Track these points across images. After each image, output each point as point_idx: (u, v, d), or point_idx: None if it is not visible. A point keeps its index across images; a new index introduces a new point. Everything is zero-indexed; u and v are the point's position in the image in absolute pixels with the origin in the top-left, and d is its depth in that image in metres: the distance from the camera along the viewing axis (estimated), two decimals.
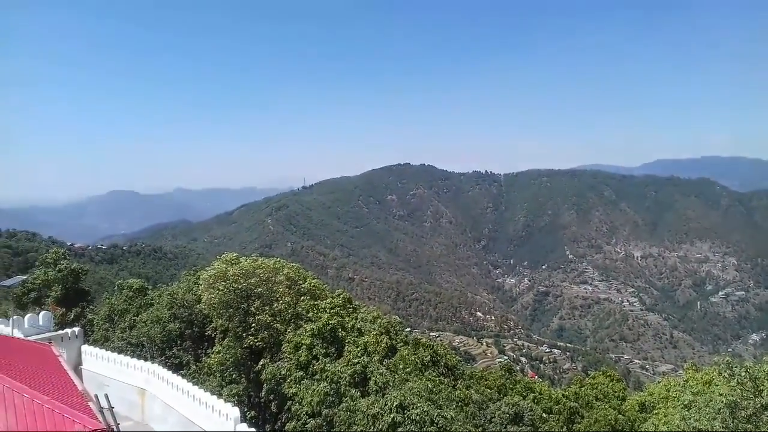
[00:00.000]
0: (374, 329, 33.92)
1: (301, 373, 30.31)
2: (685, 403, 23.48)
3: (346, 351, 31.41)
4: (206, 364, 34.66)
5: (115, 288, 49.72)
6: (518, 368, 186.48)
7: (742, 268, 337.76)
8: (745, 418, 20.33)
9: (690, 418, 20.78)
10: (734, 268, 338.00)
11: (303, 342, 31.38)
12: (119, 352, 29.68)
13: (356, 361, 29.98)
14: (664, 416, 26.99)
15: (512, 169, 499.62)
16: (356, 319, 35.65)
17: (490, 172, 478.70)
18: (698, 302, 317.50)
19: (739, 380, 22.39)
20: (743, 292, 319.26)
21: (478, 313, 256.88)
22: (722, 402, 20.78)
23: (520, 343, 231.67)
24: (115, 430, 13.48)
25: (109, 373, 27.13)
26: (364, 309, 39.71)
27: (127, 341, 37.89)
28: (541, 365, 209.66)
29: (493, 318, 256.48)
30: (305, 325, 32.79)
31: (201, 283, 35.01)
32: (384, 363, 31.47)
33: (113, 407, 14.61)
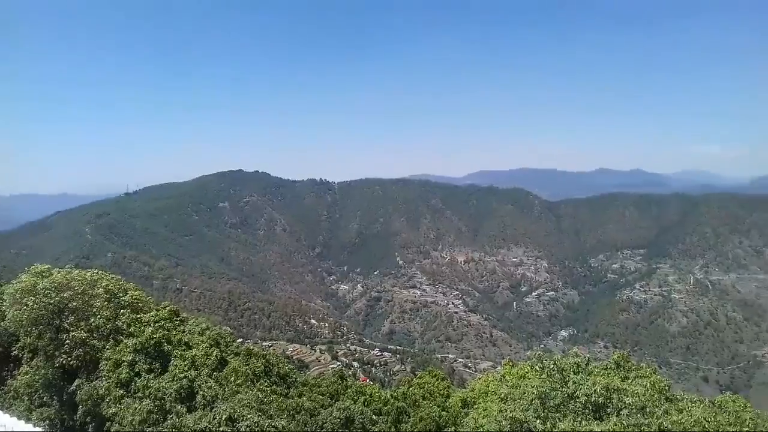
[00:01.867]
0: (203, 341, 32.69)
1: (121, 391, 28.42)
2: (502, 396, 25.15)
3: (172, 365, 29.92)
4: (12, 387, 31.34)
5: None
6: (351, 373, 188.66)
7: (552, 270, 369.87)
8: (554, 407, 22.11)
9: (506, 410, 22.20)
10: (545, 271, 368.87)
11: (124, 358, 29.44)
12: None
13: (183, 375, 28.64)
14: (484, 410, 28.67)
15: (346, 177, 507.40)
16: (183, 331, 34.11)
17: (325, 180, 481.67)
18: (514, 303, 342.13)
19: (549, 373, 24.38)
20: (553, 293, 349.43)
21: (312, 321, 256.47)
22: (534, 393, 22.46)
23: (352, 348, 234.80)
24: None
25: None
26: (193, 321, 38.13)
27: None
28: (373, 368, 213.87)
29: (326, 325, 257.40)
30: (126, 341, 30.80)
31: (5, 298, 31.69)
32: (213, 376, 30.41)
33: None
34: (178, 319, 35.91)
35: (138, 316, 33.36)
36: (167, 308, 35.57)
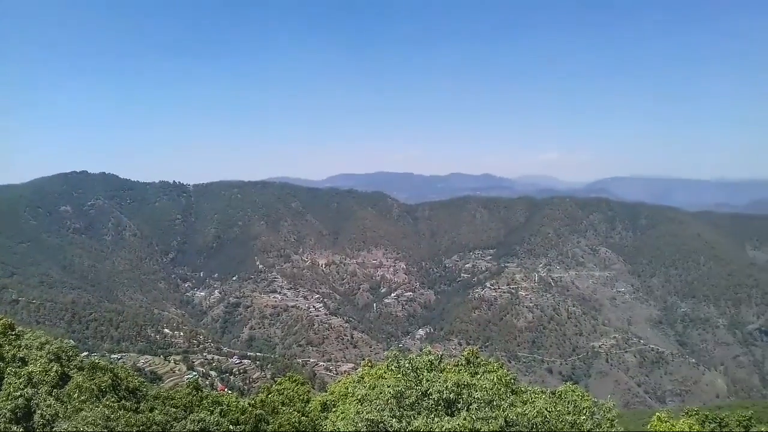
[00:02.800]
0: (42, 356, 30.24)
1: None
2: (360, 397, 25.49)
3: (6, 384, 27.43)
4: None
5: None
6: (208, 383, 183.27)
7: (410, 271, 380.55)
8: (409, 405, 22.75)
9: (363, 411, 22.55)
10: (404, 272, 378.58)
11: None
12: None
13: (18, 394, 26.35)
14: (342, 412, 28.93)
15: (202, 179, 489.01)
16: (19, 347, 31.36)
17: (179, 182, 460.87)
18: (374, 304, 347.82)
19: (404, 372, 25.07)
20: (411, 293, 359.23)
21: (166, 330, 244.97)
22: (390, 393, 22.99)
23: (210, 357, 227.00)
24: None
25: None
26: (30, 334, 35.15)
27: None
28: (231, 377, 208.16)
29: (181, 334, 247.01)
30: None
31: None
32: (54, 393, 28.22)
33: None
34: (13, 333, 32.98)
35: None
36: (0, 321, 32.56)
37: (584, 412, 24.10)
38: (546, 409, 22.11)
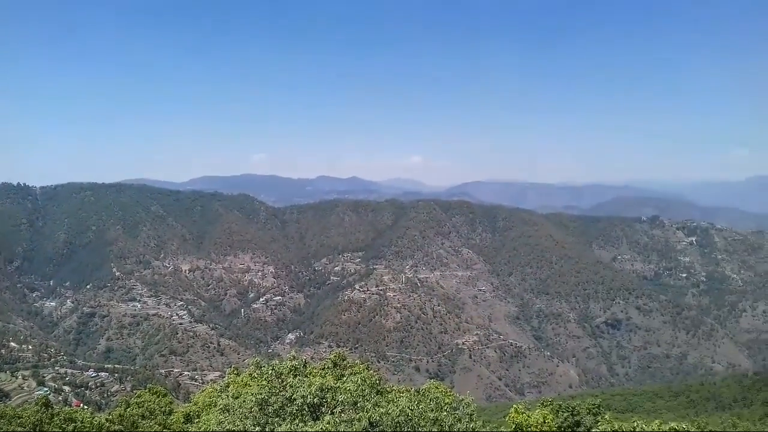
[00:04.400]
0: None
1: None
2: (223, 406, 24.78)
3: None
4: None
5: None
6: (61, 399, 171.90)
7: (279, 275, 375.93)
8: (274, 412, 22.44)
9: (225, 421, 21.96)
10: (272, 276, 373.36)
11: None
12: None
13: None
14: (204, 423, 27.98)
15: (49, 181, 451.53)
16: None
17: (23, 184, 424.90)
18: (242, 310, 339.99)
19: (267, 378, 24.71)
20: (280, 297, 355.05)
21: (12, 344, 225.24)
22: (253, 400, 22.55)
23: (63, 371, 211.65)
24: None
25: None
26: None
27: None
28: (87, 391, 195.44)
29: (30, 347, 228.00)
30: None
31: None
32: None
33: None
34: None
35: None
36: None
37: (446, 408, 24.88)
38: (409, 408, 22.60)
